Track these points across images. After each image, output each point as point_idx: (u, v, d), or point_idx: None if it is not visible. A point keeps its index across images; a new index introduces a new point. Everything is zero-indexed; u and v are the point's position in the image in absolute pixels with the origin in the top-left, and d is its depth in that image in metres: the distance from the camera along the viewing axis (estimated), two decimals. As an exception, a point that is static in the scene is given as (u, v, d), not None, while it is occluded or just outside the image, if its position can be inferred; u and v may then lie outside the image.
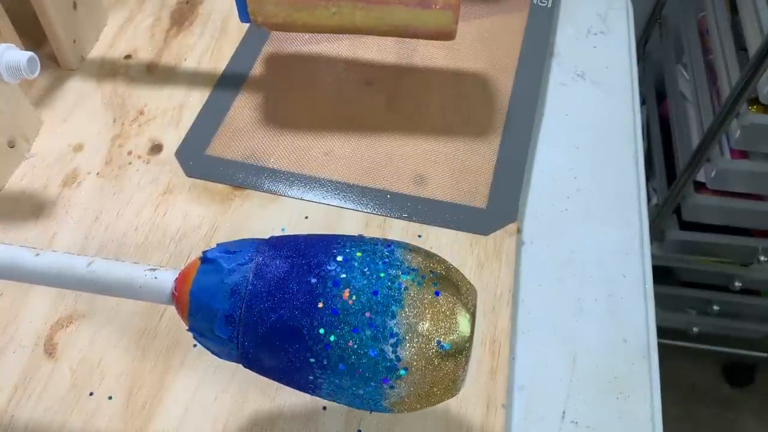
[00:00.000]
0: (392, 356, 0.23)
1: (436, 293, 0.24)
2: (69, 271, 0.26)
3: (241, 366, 0.26)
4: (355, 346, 0.24)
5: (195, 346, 0.35)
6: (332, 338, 0.24)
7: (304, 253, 0.25)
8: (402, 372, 0.24)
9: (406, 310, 0.24)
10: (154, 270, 0.26)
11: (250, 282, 0.25)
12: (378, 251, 0.25)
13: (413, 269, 0.25)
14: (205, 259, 0.26)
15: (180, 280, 0.26)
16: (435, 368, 0.24)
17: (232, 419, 0.33)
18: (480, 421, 0.33)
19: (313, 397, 0.33)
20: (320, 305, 0.24)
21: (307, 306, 0.24)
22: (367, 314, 0.24)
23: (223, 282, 0.25)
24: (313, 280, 0.24)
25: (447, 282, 0.25)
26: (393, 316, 0.24)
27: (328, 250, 0.25)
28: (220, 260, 0.25)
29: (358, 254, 0.25)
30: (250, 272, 0.25)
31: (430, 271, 0.25)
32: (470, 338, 0.24)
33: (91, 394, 0.33)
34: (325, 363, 0.24)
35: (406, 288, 0.24)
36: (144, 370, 0.34)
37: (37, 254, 0.26)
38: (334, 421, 0.33)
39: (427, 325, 0.24)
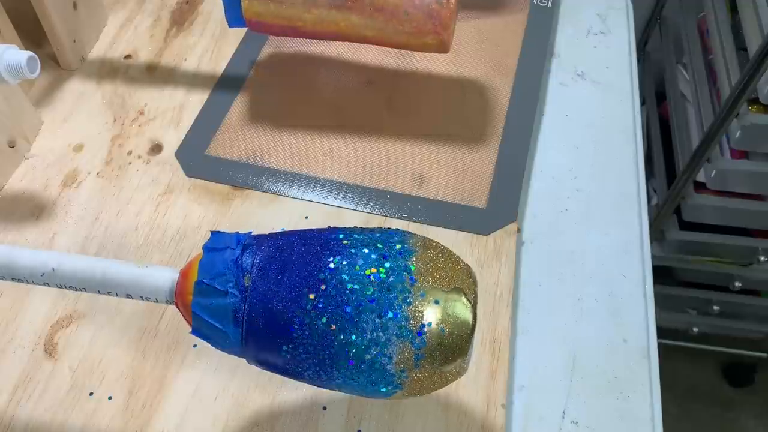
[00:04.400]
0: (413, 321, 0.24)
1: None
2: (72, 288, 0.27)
3: (240, 366, 0.26)
4: (367, 337, 0.24)
5: (195, 346, 0.35)
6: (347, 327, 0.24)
7: (306, 243, 0.25)
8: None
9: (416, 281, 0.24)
10: (153, 299, 0.26)
11: (254, 272, 0.25)
12: (376, 242, 0.25)
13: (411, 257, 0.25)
14: (204, 257, 0.26)
15: (181, 281, 0.26)
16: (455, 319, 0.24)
17: (232, 419, 0.33)
18: (480, 421, 0.33)
19: (313, 397, 0.33)
20: (320, 292, 0.24)
21: (303, 299, 0.24)
22: (373, 301, 0.24)
23: (225, 277, 0.25)
24: (316, 264, 0.24)
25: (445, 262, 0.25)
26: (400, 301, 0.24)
27: (329, 240, 0.25)
28: (222, 258, 0.25)
29: (358, 237, 0.25)
30: (255, 264, 0.25)
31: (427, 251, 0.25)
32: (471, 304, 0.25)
33: (91, 394, 0.33)
34: (335, 347, 0.24)
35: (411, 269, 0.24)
36: (144, 370, 0.34)
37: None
38: (334, 421, 0.33)
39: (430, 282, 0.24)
